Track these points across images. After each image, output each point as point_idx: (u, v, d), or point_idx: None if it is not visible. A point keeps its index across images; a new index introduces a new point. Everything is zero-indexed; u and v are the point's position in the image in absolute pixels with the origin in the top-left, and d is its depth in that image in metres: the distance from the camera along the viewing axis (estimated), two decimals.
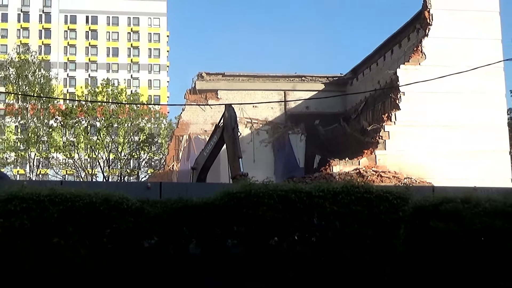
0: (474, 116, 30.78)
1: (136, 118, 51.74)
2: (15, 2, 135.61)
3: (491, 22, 32.19)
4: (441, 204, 13.51)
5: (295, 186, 14.18)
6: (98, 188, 13.72)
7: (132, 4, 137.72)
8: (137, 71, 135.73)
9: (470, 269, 12.84)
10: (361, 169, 29.22)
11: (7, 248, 12.59)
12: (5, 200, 12.56)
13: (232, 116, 27.55)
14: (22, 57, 54.83)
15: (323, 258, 13.00)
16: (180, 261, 12.92)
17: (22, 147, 52.29)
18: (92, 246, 12.70)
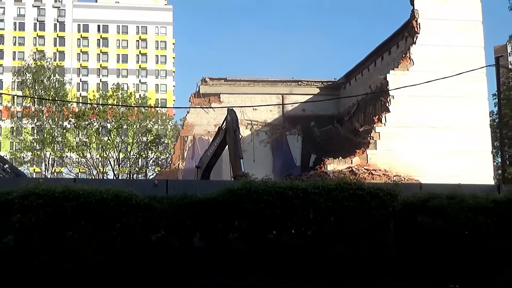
0: (459, 118, 30.77)
1: (144, 120, 51.70)
2: (32, 12, 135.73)
3: (474, 31, 32.19)
4: (428, 200, 13.51)
5: (292, 183, 14.16)
6: (108, 185, 13.68)
7: (140, 14, 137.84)
8: (145, 76, 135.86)
9: (456, 262, 12.84)
10: (354, 168, 29.22)
11: (24, 241, 12.60)
12: (22, 196, 12.56)
13: (234, 119, 27.66)
14: (38, 63, 54.87)
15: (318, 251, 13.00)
16: (185, 254, 12.91)
17: (38, 147, 52.31)
18: (103, 239, 12.69)
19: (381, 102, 31.82)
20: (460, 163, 29.22)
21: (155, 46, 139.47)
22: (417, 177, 27.57)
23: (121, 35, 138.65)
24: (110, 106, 49.33)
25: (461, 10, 32.02)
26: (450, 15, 31.78)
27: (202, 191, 13.81)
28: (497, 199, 14.33)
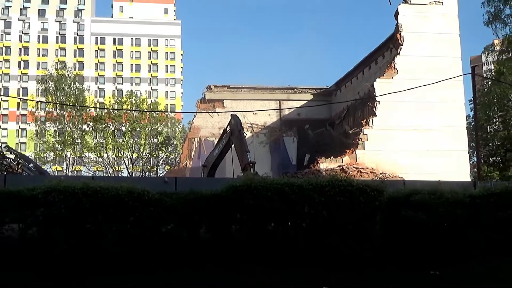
0: (439, 121, 30.77)
1: (155, 123, 51.79)
2: (54, 27, 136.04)
3: (452, 43, 32.20)
4: (411, 195, 13.51)
5: (289, 180, 14.15)
6: (123, 182, 13.69)
7: (151, 28, 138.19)
8: (156, 84, 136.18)
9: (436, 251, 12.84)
10: (344, 166, 29.22)
11: (47, 232, 12.60)
12: (46, 192, 12.56)
13: (237, 122, 27.86)
14: (60, 72, 55.04)
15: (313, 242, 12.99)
16: (192, 244, 12.91)
17: (59, 148, 52.35)
18: (118, 231, 12.68)
19: (369, 107, 31.82)
20: (439, 162, 29.22)
21: (165, 57, 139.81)
22: (401, 174, 27.56)
23: (135, 47, 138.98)
24: (125, 111, 49.40)
25: (440, 25, 32.04)
26: (430, 29, 31.81)
27: (208, 187, 13.83)
28: (473, 195, 14.36)
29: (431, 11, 32.15)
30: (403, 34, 31.59)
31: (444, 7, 32.28)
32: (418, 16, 31.99)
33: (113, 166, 51.56)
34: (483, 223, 13.56)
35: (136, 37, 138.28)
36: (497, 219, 13.72)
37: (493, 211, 13.74)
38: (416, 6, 32.04)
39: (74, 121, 51.66)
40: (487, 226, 13.60)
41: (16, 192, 12.81)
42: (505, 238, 13.59)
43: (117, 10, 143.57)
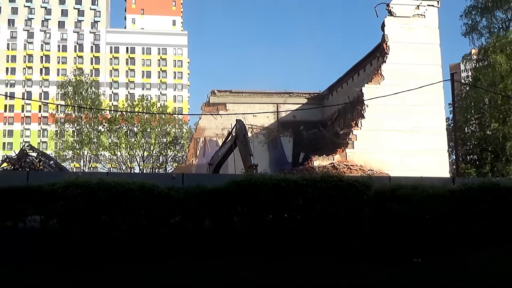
0: (421, 123, 30.81)
1: (164, 125, 51.82)
2: (73, 37, 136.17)
3: (433, 52, 32.24)
4: (396, 190, 13.50)
5: (285, 176, 14.16)
6: (135, 178, 13.70)
7: (161, 38, 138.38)
8: (165, 89, 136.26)
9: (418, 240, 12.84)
10: (335, 163, 29.23)
11: (66, 223, 12.61)
12: (65, 187, 12.55)
13: (242, 126, 27.95)
14: (78, 78, 55.04)
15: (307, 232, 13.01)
16: (197, 235, 12.91)
17: (77, 147, 52.37)
18: (130, 222, 12.69)
19: (358, 110, 31.85)
20: (422, 159, 29.25)
21: (173, 64, 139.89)
22: (387, 171, 27.57)
23: (145, 55, 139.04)
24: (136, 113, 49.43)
25: (422, 35, 32.08)
26: (413, 39, 31.85)
27: (212, 183, 13.83)
28: (452, 189, 14.37)
29: (414, 23, 32.17)
30: (389, 44, 31.63)
31: (426, 20, 32.32)
32: (402, 28, 32.01)
33: (126, 163, 51.52)
34: (461, 215, 13.57)
35: (147, 46, 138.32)
36: (474, 211, 13.74)
37: (470, 205, 13.75)
38: (401, 18, 32.06)
39: (90, 123, 51.65)
40: (464, 218, 13.61)
41: (38, 187, 12.81)
42: (481, 229, 13.61)
43: (130, 22, 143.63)
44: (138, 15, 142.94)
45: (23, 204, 12.62)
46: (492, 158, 37.87)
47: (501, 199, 13.91)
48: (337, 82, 41.49)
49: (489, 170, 36.70)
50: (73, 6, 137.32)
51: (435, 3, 32.55)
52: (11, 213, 12.69)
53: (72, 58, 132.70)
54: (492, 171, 36.41)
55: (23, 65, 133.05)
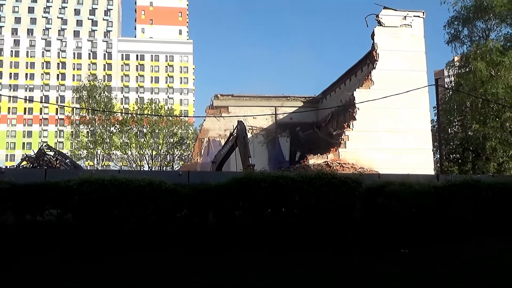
0: (408, 124, 30.75)
1: (171, 126, 51.86)
2: (87, 45, 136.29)
3: (419, 59, 32.18)
4: (385, 186, 13.52)
5: (283, 173, 14.17)
6: (144, 175, 13.71)
7: (168, 46, 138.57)
8: (172, 93, 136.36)
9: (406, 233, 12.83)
10: (329, 162, 29.20)
11: (81, 216, 12.60)
12: (79, 183, 12.54)
13: (243, 128, 27.81)
14: (92, 83, 55.03)
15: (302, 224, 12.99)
16: (202, 227, 12.90)
17: (91, 146, 52.37)
18: (139, 216, 12.68)
19: (350, 112, 31.81)
20: (409, 158, 29.21)
21: (180, 70, 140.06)
22: (376, 169, 27.53)
23: (154, 62, 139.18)
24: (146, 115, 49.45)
25: (409, 44, 32.05)
26: (401, 47, 31.81)
27: (215, 179, 13.81)
28: (436, 186, 14.38)
29: (402, 32, 32.14)
30: (378, 51, 31.60)
31: (412, 29, 32.28)
32: (390, 37, 31.98)
33: (136, 162, 51.51)
34: (444, 210, 13.57)
35: (155, 54, 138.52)
36: (456, 206, 13.73)
37: (453, 200, 13.74)
38: (389, 28, 32.02)
39: (103, 124, 51.65)
40: (448, 212, 13.61)
41: (55, 183, 12.80)
42: (463, 223, 13.61)
43: (139, 31, 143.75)
44: (147, 25, 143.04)
45: (41, 199, 12.62)
46: (473, 157, 37.87)
47: (481, 194, 13.92)
48: (330, 87, 41.48)
49: (471, 168, 36.70)
50: (87, 16, 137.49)
51: (420, 14, 32.53)
52: (30, 207, 12.70)
53: (86, 65, 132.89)
54: (473, 169, 36.41)
55: (41, 71, 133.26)
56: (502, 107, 34.47)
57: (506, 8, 35.32)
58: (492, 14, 36.58)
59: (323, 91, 43.41)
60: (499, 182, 14.76)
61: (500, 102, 34.24)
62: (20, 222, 12.54)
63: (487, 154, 35.81)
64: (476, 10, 37.21)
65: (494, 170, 34.62)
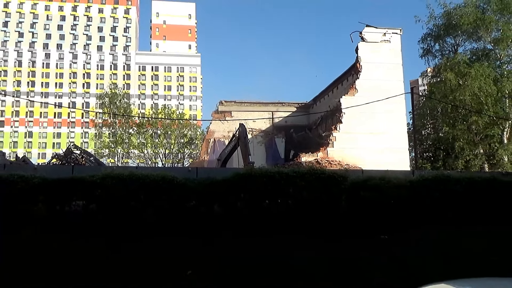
0: (387, 127, 30.77)
1: (182, 128, 51.84)
2: (109, 58, 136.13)
3: (397, 70, 32.18)
4: (367, 180, 13.50)
5: (279, 169, 14.13)
6: (158, 171, 13.68)
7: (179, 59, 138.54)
8: (182, 100, 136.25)
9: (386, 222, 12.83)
10: (319, 159, 29.20)
11: (103, 207, 12.59)
12: (102, 178, 12.53)
13: (244, 130, 27.77)
14: (113, 91, 55.04)
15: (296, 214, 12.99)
16: (208, 216, 12.90)
17: (112, 146, 52.38)
18: (155, 206, 12.68)
19: (337, 116, 31.81)
20: (388, 156, 29.23)
21: (189, 80, 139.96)
22: (360, 165, 27.55)
23: (167, 72, 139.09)
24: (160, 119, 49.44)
25: (388, 57, 32.06)
26: (381, 60, 31.82)
27: (220, 174, 13.81)
28: (412, 180, 14.36)
29: (382, 47, 32.15)
30: (362, 63, 31.61)
31: (391, 44, 32.30)
32: (372, 51, 31.99)
33: (151, 159, 51.54)
34: (419, 201, 13.57)
35: (168, 65, 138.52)
36: (429, 198, 13.73)
37: (426, 192, 13.74)
38: (371, 43, 32.04)
39: (123, 126, 51.69)
40: (422, 203, 13.61)
41: (80, 178, 12.79)
42: (435, 212, 13.61)
43: (154, 46, 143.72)
44: (161, 41, 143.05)
45: (69, 192, 12.62)
46: (443, 155, 37.93)
47: (451, 188, 13.93)
48: (320, 94, 41.50)
49: (442, 165, 36.76)
50: (109, 33, 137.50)
51: (398, 31, 32.54)
52: (59, 199, 12.69)
53: (108, 75, 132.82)
54: (444, 165, 36.47)
55: (68, 81, 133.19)
56: (468, 112, 34.52)
57: (472, 26, 35.38)
58: (460, 31, 36.61)
59: (313, 97, 43.44)
60: (465, 177, 14.77)
61: (467, 108, 34.27)
62: (50, 212, 12.54)
63: (455, 153, 35.86)
64: (446, 27, 37.25)
65: (461, 167, 34.67)
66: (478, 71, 33.16)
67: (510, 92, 34.34)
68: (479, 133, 35.66)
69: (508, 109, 34.82)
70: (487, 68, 33.82)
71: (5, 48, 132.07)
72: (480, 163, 35.36)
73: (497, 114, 34.28)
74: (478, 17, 35.06)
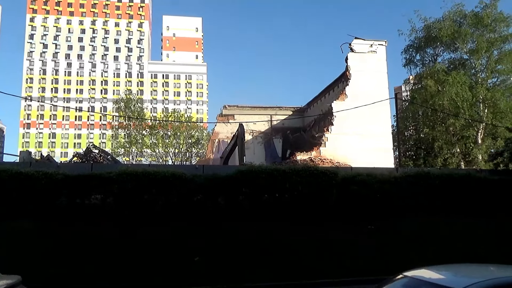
0: (374, 128, 30.71)
1: (190, 130, 51.85)
2: (124, 67, 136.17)
3: (382, 77, 32.10)
4: (356, 176, 13.54)
5: (276, 167, 14.20)
6: (168, 168, 13.73)
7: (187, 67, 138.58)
8: (190, 104, 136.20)
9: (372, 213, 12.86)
10: (312, 158, 29.17)
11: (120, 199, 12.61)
12: (118, 174, 12.58)
13: (242, 131, 27.60)
14: (128, 96, 55.06)
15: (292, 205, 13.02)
16: (213, 208, 12.93)
17: (127, 146, 52.36)
18: (165, 200, 12.70)
19: (329, 119, 31.79)
20: (374, 155, 29.18)
21: (196, 86, 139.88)
22: (349, 163, 27.51)
23: (176, 80, 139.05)
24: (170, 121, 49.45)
25: (374, 66, 32.02)
26: (368, 69, 31.79)
27: (224, 171, 13.85)
28: (396, 176, 14.41)
29: (369, 57, 32.12)
30: (351, 72, 31.58)
31: (377, 55, 32.27)
32: (360, 60, 31.97)
33: (162, 158, 51.50)
34: (402, 195, 13.60)
35: (177, 73, 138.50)
36: (411, 192, 13.77)
37: (408, 187, 13.78)
38: (359, 53, 32.03)
39: (137, 128, 51.65)
40: (404, 196, 13.64)
41: (99, 174, 12.82)
42: (416, 204, 13.64)
43: (165, 56, 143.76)
44: (171, 51, 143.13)
45: (88, 186, 12.65)
46: (424, 154, 37.94)
47: (430, 182, 13.96)
48: (313, 99, 41.48)
49: (422, 163, 36.77)
50: (124, 45, 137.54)
51: (383, 43, 32.52)
52: (80, 193, 12.72)
53: (124, 82, 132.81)
54: (424, 163, 36.49)
55: (88, 87, 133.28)
56: (446, 115, 34.56)
57: (449, 38, 35.49)
58: (439, 43, 36.68)
59: (308, 102, 43.37)
60: (444, 173, 14.81)
61: (445, 112, 34.31)
62: (71, 204, 12.58)
63: (435, 152, 35.89)
64: (426, 40, 37.31)
65: (440, 164, 34.71)
66: (455, 78, 33.23)
67: (483, 97, 34.41)
68: (456, 134, 35.71)
69: (482, 112, 34.86)
70: (463, 76, 33.90)
71: (31, 58, 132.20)
72: (457, 161, 35.41)
73: (472, 117, 34.33)
74: (455, 30, 35.16)
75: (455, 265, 4.55)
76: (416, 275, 4.05)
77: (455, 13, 36.38)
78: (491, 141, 34.79)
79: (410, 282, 3.99)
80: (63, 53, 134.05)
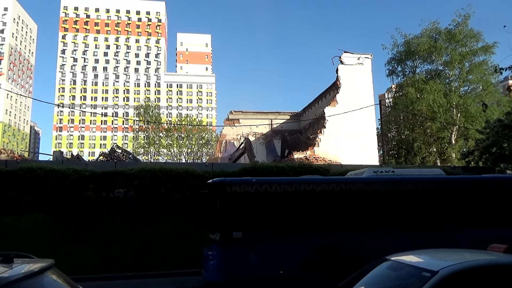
0: (361, 130, 30.68)
1: (200, 132, 51.87)
2: (143, 78, 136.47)
3: (368, 86, 32.09)
4: (345, 173, 13.45)
5: (276, 164, 14.19)
6: (182, 165, 13.71)
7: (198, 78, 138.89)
8: (201, 110, 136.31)
9: None
10: (307, 156, 29.16)
11: (140, 193, 12.61)
12: (139, 171, 12.62)
13: (249, 142, 27.80)
14: (147, 103, 55.16)
15: None
16: None
17: (146, 146, 52.44)
18: (179, 192, 12.71)
19: (322, 123, 31.78)
20: (362, 154, 29.16)
21: (206, 94, 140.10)
22: (340, 161, 27.50)
23: (189, 88, 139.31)
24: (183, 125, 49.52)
25: (361, 76, 32.00)
26: (356, 78, 31.78)
27: (230, 168, 13.85)
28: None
29: (357, 68, 32.11)
30: (341, 81, 31.56)
31: (363, 66, 32.25)
32: (349, 71, 31.94)
33: (177, 157, 51.56)
34: None
35: (190, 83, 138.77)
36: None
37: None
38: (348, 65, 32.02)
39: (154, 131, 51.74)
40: None
41: (122, 171, 12.87)
42: None
43: (179, 68, 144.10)
44: (184, 64, 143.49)
45: (112, 181, 12.69)
46: (405, 153, 37.83)
47: None
48: (308, 105, 41.46)
49: (403, 161, 36.67)
50: (143, 58, 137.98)
51: (369, 56, 32.48)
52: (105, 187, 12.77)
53: (143, 91, 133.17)
54: (405, 161, 36.39)
55: (112, 95, 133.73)
56: (424, 119, 34.51)
57: (426, 52, 35.55)
58: (417, 56, 36.69)
59: (303, 108, 43.36)
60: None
61: (423, 116, 34.25)
62: (98, 197, 12.61)
63: (414, 151, 35.81)
64: (406, 53, 37.32)
65: (419, 162, 34.61)
66: (432, 87, 33.20)
67: (456, 103, 34.34)
68: (432, 136, 35.62)
69: (456, 116, 34.79)
70: (439, 85, 33.92)
71: (63, 70, 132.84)
72: (433, 159, 35.31)
73: (447, 121, 34.25)
74: (431, 45, 35.14)
75: (433, 250, 4.53)
76: (398, 258, 4.04)
77: (432, 30, 36.42)
78: (463, 141, 34.71)
79: (393, 264, 3.97)
80: (91, 66, 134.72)
